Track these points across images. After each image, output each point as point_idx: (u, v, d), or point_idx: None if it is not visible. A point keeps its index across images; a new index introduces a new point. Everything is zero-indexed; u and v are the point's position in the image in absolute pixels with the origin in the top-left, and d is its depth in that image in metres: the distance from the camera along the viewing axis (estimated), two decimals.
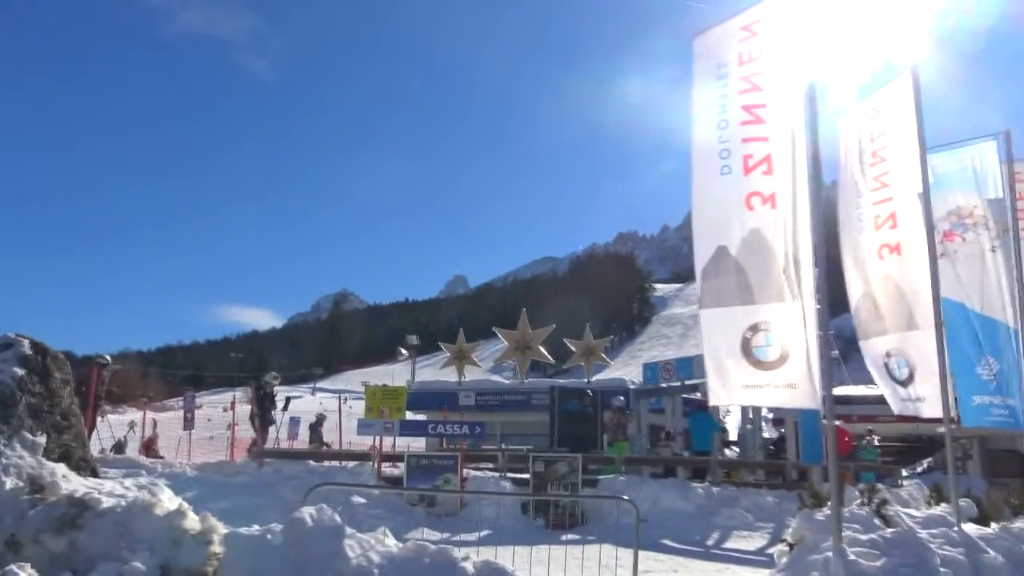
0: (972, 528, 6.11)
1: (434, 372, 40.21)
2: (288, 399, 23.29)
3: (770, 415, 23.53)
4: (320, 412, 26.07)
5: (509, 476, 14.21)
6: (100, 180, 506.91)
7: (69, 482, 5.64)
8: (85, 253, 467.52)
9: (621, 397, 19.44)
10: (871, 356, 7.74)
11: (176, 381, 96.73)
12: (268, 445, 17.68)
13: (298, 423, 29.07)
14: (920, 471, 23.51)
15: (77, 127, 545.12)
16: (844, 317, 8.03)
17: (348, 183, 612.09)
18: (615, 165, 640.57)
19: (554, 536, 10.62)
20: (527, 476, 13.32)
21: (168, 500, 5.50)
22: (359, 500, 11.73)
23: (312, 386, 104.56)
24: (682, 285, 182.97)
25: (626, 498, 8.58)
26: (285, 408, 22.12)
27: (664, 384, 21.55)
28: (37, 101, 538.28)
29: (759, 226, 6.03)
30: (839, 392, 13.56)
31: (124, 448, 21.05)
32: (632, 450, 17.96)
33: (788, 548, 6.11)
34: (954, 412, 7.51)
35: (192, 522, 5.32)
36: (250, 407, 18.66)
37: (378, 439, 15.57)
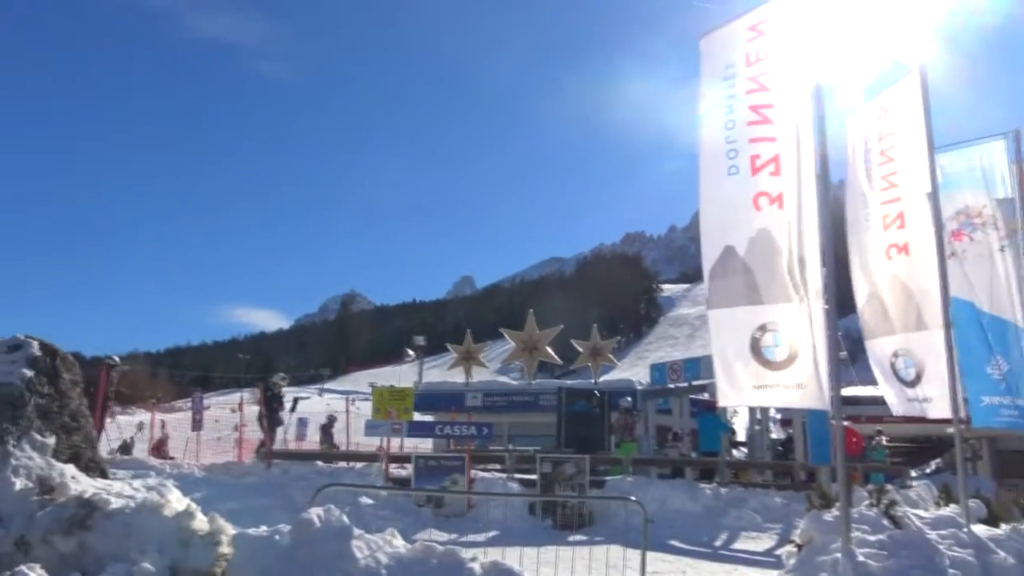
0: (982, 529, 6.08)
1: (441, 373, 40.17)
2: (296, 400, 23.36)
3: (778, 416, 23.43)
4: (331, 413, 26.09)
5: (516, 477, 14.20)
6: (108, 181, 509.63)
7: (78, 483, 5.66)
8: (94, 255, 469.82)
9: (628, 398, 19.40)
10: (877, 356, 7.71)
11: (184, 382, 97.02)
12: (276, 446, 17.72)
13: (306, 424, 29.07)
14: (929, 472, 23.38)
15: (88, 128, 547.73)
16: (852, 317, 7.98)
17: (355, 184, 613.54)
18: (622, 165, 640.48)
19: (562, 537, 10.62)
20: (534, 477, 13.31)
21: (177, 501, 5.52)
22: (367, 501, 11.73)
23: (320, 387, 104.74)
24: (689, 285, 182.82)
25: (633, 499, 8.55)
26: (293, 409, 22.17)
27: (671, 385, 21.48)
28: (44, 102, 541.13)
29: (766, 226, 6.02)
30: (848, 392, 13.51)
31: (131, 449, 21.11)
32: (639, 451, 17.92)
33: (796, 549, 6.09)
34: (963, 412, 7.47)
35: (201, 523, 5.34)
36: (258, 408, 18.68)
37: (386, 440, 15.60)
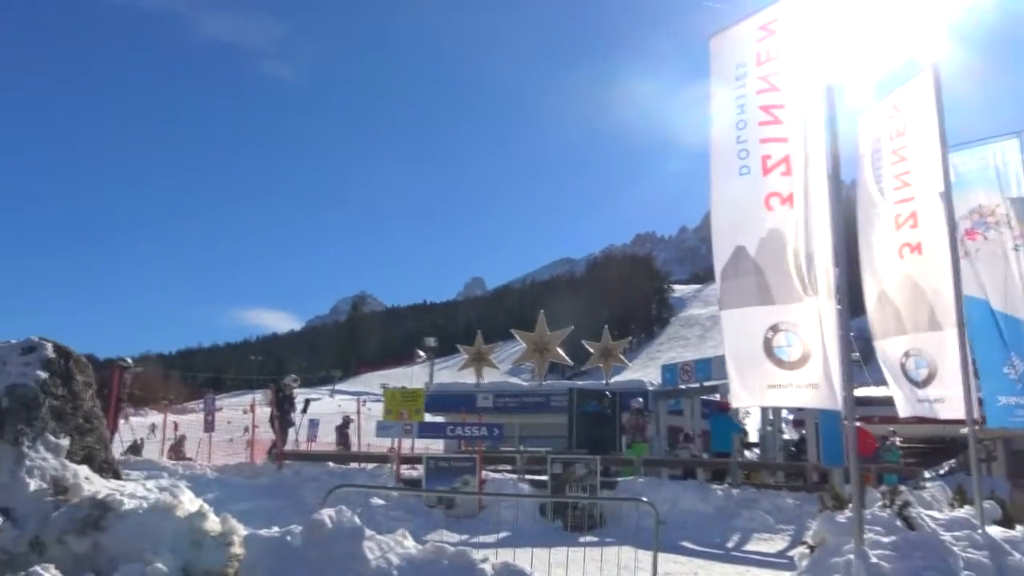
0: (996, 531, 6.03)
1: (452, 374, 40.24)
2: (307, 401, 23.42)
3: (790, 416, 23.33)
4: (346, 414, 26.18)
5: (527, 478, 14.19)
6: (117, 183, 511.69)
7: (92, 484, 5.69)
8: (107, 257, 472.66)
9: (640, 399, 19.37)
10: (886, 356, 7.66)
11: (196, 384, 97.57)
12: (287, 447, 17.79)
13: (317, 425, 29.20)
14: (943, 473, 23.23)
15: (94, 129, 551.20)
16: (865, 318, 7.95)
17: (366, 185, 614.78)
18: (632, 166, 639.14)
19: (573, 538, 10.59)
20: (545, 478, 13.29)
21: (189, 502, 5.54)
22: (378, 502, 11.76)
23: (331, 388, 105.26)
24: (700, 286, 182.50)
25: (645, 500, 8.54)
26: (304, 410, 22.24)
27: (683, 386, 21.42)
28: (46, 102, 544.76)
29: (777, 226, 6.00)
30: (861, 393, 13.42)
31: (140, 450, 21.21)
32: (651, 452, 17.89)
33: (809, 550, 6.06)
34: (977, 413, 7.42)
35: (213, 524, 5.36)
36: (270, 409, 18.76)
37: (397, 441, 15.63)
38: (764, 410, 18.77)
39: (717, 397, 20.25)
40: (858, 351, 10.22)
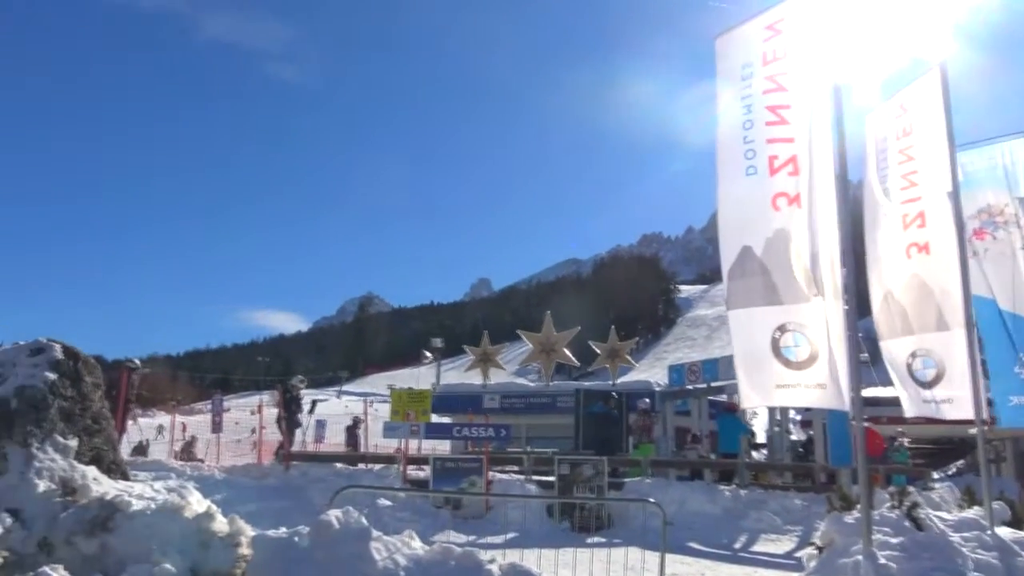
0: (1006, 532, 5.99)
1: (459, 375, 40.25)
2: (314, 402, 23.46)
3: (798, 417, 23.27)
4: (356, 415, 26.23)
5: (534, 479, 14.19)
6: (121, 184, 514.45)
7: (100, 485, 5.70)
8: (115, 259, 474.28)
9: (647, 399, 19.35)
10: (892, 356, 7.62)
11: (204, 385, 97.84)
12: (295, 448, 17.81)
13: (324, 426, 29.27)
14: (952, 473, 23.14)
15: (104, 131, 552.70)
16: (872, 318, 7.92)
17: (371, 187, 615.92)
18: (639, 166, 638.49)
19: (580, 539, 10.60)
20: (552, 479, 13.30)
21: (197, 503, 5.56)
22: (385, 503, 11.77)
23: (338, 389, 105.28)
24: (707, 287, 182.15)
25: (652, 501, 8.53)
26: (311, 411, 22.28)
27: (690, 386, 21.41)
28: (55, 103, 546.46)
29: (784, 226, 5.98)
30: (869, 393, 13.38)
31: (146, 450, 21.25)
32: (658, 452, 17.86)
33: (817, 551, 6.04)
34: (987, 414, 7.38)
35: (220, 524, 5.38)
36: (277, 410, 18.80)
37: (404, 442, 15.64)
38: (771, 411, 18.72)
39: (724, 398, 20.21)
40: (866, 352, 10.18)
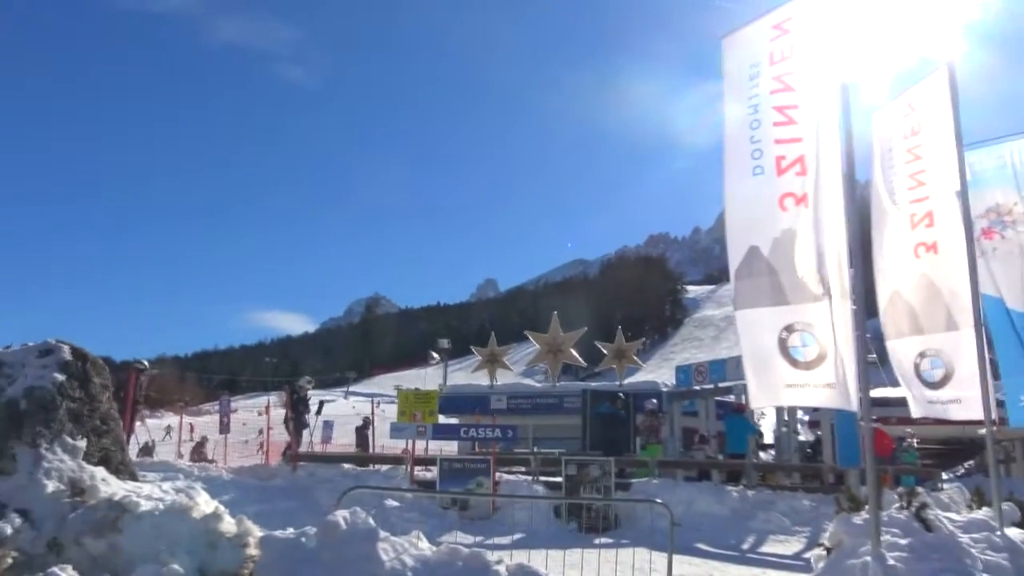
0: (1016, 532, 5.96)
1: (466, 376, 40.28)
2: (322, 403, 23.48)
3: (806, 417, 23.19)
4: (366, 416, 26.28)
5: (541, 479, 14.18)
6: (127, 185, 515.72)
7: (108, 485, 5.72)
8: (123, 260, 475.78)
9: (654, 400, 19.31)
10: (899, 357, 7.60)
11: (212, 385, 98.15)
12: (302, 449, 17.85)
13: (331, 427, 29.29)
14: (961, 474, 23.06)
15: (114, 133, 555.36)
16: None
17: (378, 188, 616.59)
18: (645, 167, 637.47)
19: (587, 540, 10.56)
20: (559, 479, 13.28)
21: (205, 503, 5.57)
22: (392, 503, 11.78)
23: (345, 390, 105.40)
24: (714, 287, 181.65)
25: (660, 501, 8.52)
26: (319, 412, 22.30)
27: (697, 387, 21.38)
28: (63, 105, 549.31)
29: (791, 226, 5.97)
30: (877, 394, 13.37)
31: (152, 451, 21.30)
32: (665, 453, 17.84)
33: (825, 552, 6.02)
34: (996, 414, 7.34)
35: (228, 525, 5.39)
36: (284, 411, 18.84)
37: (411, 443, 15.66)
38: (779, 411, 18.68)
39: (732, 398, 20.16)
40: (875, 352, 10.14)
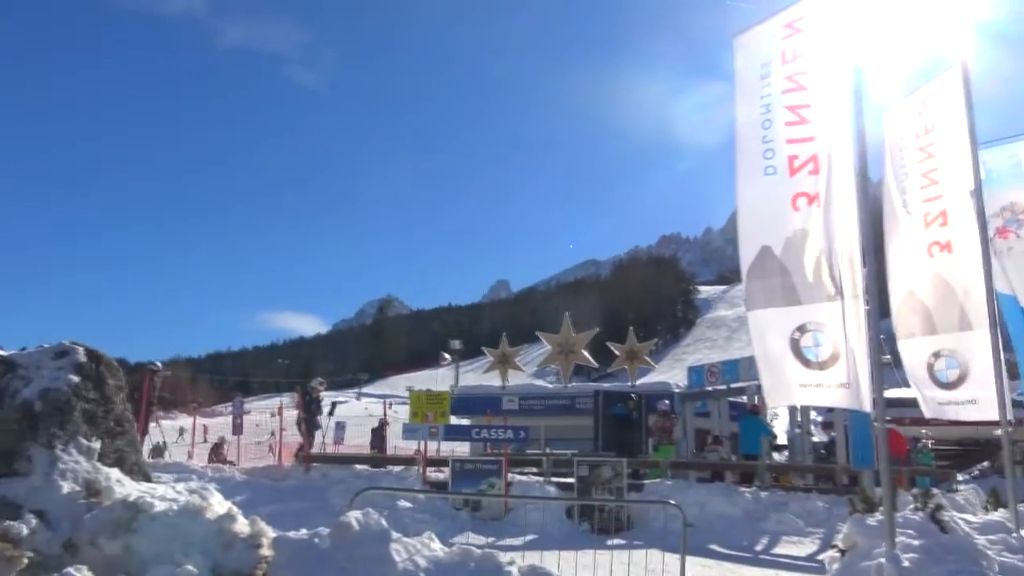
0: None
1: (477, 376, 40.29)
2: (334, 404, 23.55)
3: (819, 418, 23.06)
4: (382, 418, 26.36)
5: (554, 480, 14.17)
6: (141, 187, 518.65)
7: (123, 486, 5.75)
8: (137, 262, 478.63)
9: (666, 401, 19.26)
10: (911, 357, 7.55)
11: (225, 387, 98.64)
12: (314, 450, 17.90)
13: (344, 428, 29.37)
14: (976, 475, 22.85)
15: (126, 134, 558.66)
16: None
17: (390, 189, 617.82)
18: (657, 167, 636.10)
19: (599, 541, 10.55)
20: (572, 480, 13.27)
21: (218, 504, 5.59)
22: (405, 504, 11.80)
23: (357, 391, 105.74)
24: (726, 287, 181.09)
25: (672, 503, 8.48)
26: (331, 413, 22.37)
27: (710, 387, 21.30)
28: (67, 106, 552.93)
29: (804, 226, 5.95)
30: (891, 395, 13.28)
31: (163, 452, 21.40)
32: (677, 454, 17.78)
33: (839, 554, 5.99)
34: (1012, 414, 7.29)
35: (242, 526, 5.41)
36: (297, 412, 18.90)
37: (423, 444, 15.68)
38: (792, 412, 18.58)
39: (744, 399, 20.07)
40: (889, 352, 10.07)
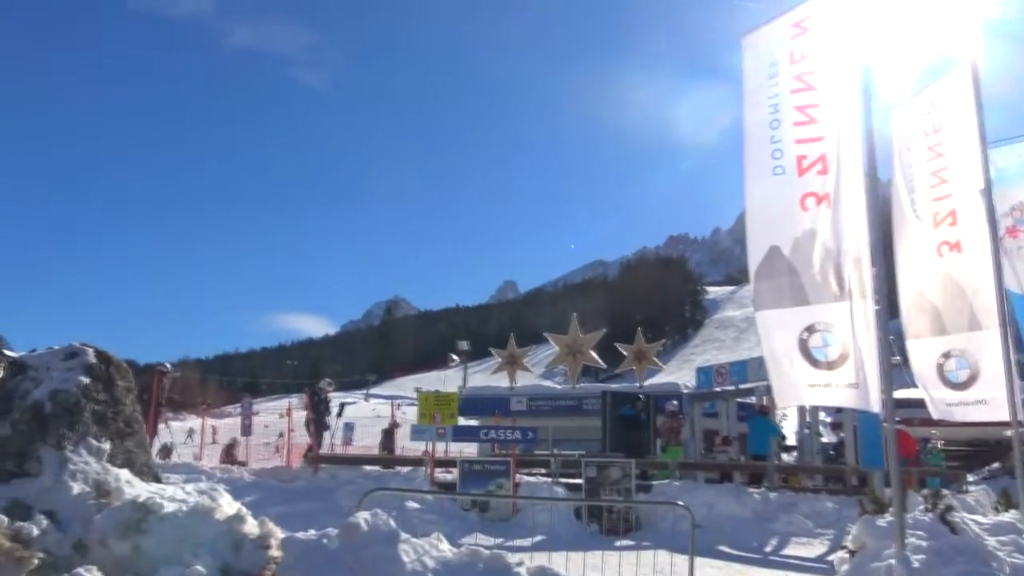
0: None
1: (485, 377, 40.27)
2: (342, 405, 23.62)
3: (828, 419, 22.98)
4: (393, 419, 26.43)
5: (562, 481, 14.16)
6: (148, 187, 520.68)
7: (133, 487, 5.77)
8: (146, 264, 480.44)
9: (675, 401, 19.25)
10: (920, 358, 7.53)
11: (234, 388, 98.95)
12: (323, 451, 17.95)
13: (352, 428, 29.46)
14: (987, 476, 22.73)
15: (132, 135, 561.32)
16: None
17: (397, 191, 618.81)
18: (665, 167, 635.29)
19: (608, 542, 10.55)
20: (580, 481, 13.26)
21: (227, 505, 5.60)
22: (413, 505, 11.80)
23: (365, 392, 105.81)
24: (735, 288, 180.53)
25: (681, 504, 8.47)
26: (340, 414, 22.44)
27: (718, 388, 21.27)
28: (69, 108, 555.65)
29: (813, 226, 5.93)
30: (901, 395, 13.24)
31: (171, 452, 21.50)
32: (686, 455, 17.76)
33: (849, 555, 5.97)
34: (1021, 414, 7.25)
35: (251, 526, 5.42)
36: (305, 413, 18.97)
37: (431, 445, 15.69)
38: (802, 413, 18.55)
39: (752, 400, 20.04)
40: (899, 352, 10.03)
